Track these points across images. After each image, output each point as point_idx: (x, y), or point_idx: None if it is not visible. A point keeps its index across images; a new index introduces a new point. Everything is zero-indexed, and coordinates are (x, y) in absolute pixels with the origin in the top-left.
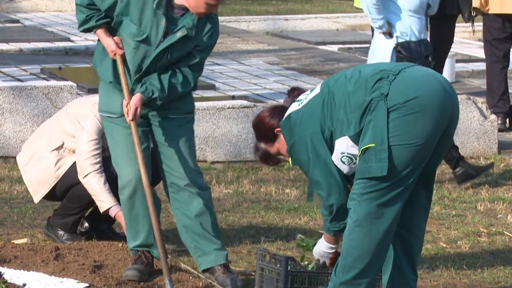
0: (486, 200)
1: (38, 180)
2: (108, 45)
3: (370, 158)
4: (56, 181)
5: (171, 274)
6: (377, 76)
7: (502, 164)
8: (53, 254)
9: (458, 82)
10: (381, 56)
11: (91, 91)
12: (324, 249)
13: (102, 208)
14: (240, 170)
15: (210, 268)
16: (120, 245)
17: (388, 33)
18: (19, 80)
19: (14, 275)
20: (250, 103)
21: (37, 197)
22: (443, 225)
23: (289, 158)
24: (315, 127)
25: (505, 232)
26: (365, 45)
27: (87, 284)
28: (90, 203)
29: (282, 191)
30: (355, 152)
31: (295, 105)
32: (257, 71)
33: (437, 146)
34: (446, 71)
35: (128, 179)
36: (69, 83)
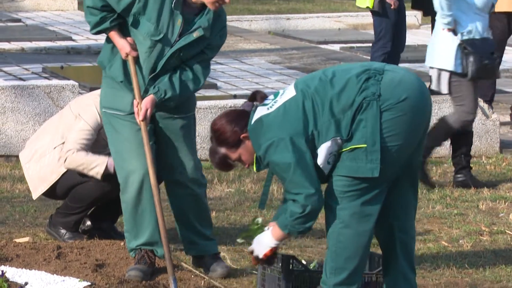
0: (488, 199)
1: (39, 176)
2: (123, 46)
3: (360, 157)
4: (58, 178)
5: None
6: (364, 75)
7: (504, 163)
8: (55, 253)
9: None
10: (444, 52)
11: (93, 90)
12: (267, 242)
13: (99, 172)
14: (241, 169)
15: (199, 256)
16: (122, 244)
17: (453, 30)
18: (21, 79)
19: (16, 274)
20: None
21: (36, 193)
22: (445, 224)
23: (253, 164)
24: (296, 129)
25: (507, 231)
26: (367, 44)
27: (89, 283)
28: (92, 203)
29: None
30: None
31: (263, 109)
32: (259, 70)
33: (419, 143)
34: None
35: (136, 174)
36: (71, 82)
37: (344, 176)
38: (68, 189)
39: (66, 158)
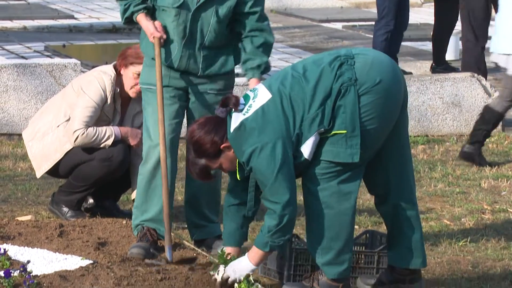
0: (490, 178)
1: (42, 154)
2: (147, 28)
3: (340, 142)
4: (61, 157)
5: (175, 253)
6: (336, 62)
7: (506, 142)
8: (57, 231)
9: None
10: None
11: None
12: (246, 267)
13: (110, 140)
14: None
15: (203, 239)
16: (124, 222)
17: None
18: (23, 57)
19: (18, 252)
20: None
21: (40, 172)
22: (447, 202)
23: (236, 171)
24: (279, 132)
25: (509, 209)
26: (370, 23)
27: (91, 261)
28: (95, 182)
29: None
30: None
31: (239, 115)
32: None
33: (399, 120)
34: (451, 48)
35: (157, 148)
36: (73, 60)
37: (323, 160)
38: (72, 168)
39: (77, 138)
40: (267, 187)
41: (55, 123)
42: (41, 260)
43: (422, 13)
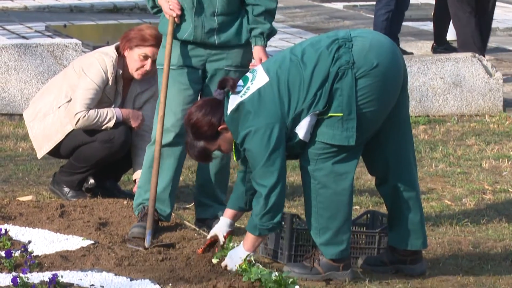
0: (491, 158)
1: (43, 135)
2: (163, 4)
3: (336, 125)
4: (62, 138)
5: (176, 234)
6: (334, 46)
7: (507, 122)
8: (58, 212)
9: None
10: None
11: (96, 48)
12: (240, 254)
13: (111, 122)
14: None
15: (204, 219)
16: (125, 202)
17: None
18: (23, 37)
19: (19, 232)
20: (254, 62)
21: (41, 152)
22: (448, 182)
23: (232, 152)
24: (274, 116)
25: (510, 189)
26: (370, 3)
27: (92, 241)
28: (97, 163)
29: None
30: None
31: (236, 98)
32: None
33: (399, 100)
34: (452, 29)
35: (167, 132)
36: (74, 40)
37: (319, 141)
38: (73, 149)
39: (78, 120)
40: (256, 170)
41: (56, 104)
42: (42, 240)
43: None
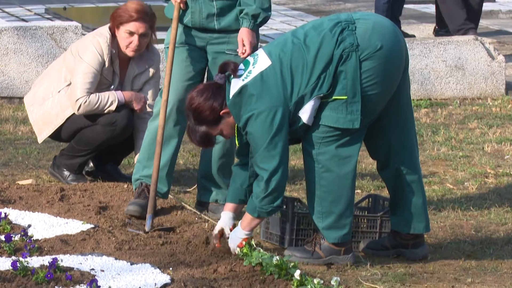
0: (494, 141)
1: (44, 120)
2: None
3: (340, 108)
4: (63, 122)
5: (176, 217)
6: (337, 28)
7: (510, 105)
8: (58, 195)
9: None
10: None
11: None
12: (238, 234)
13: (113, 105)
14: None
15: (206, 202)
16: (125, 186)
17: None
18: (23, 20)
19: (19, 216)
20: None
21: (41, 137)
22: (450, 166)
23: (235, 137)
24: (277, 99)
25: None
26: None
27: (92, 225)
28: (98, 146)
29: None
30: None
31: (238, 81)
32: None
33: (400, 83)
34: None
35: (168, 106)
36: (74, 23)
37: (323, 125)
38: (74, 132)
39: (80, 106)
40: (258, 153)
41: (56, 88)
42: (42, 224)
43: None
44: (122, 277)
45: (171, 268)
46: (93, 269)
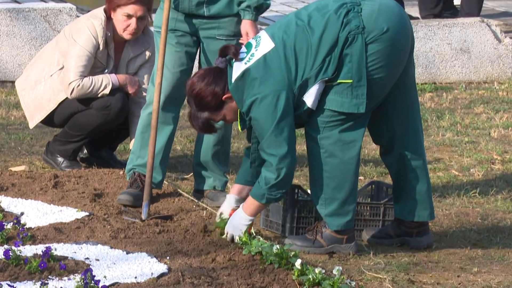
0: (500, 127)
1: (36, 104)
2: None
3: (345, 92)
4: (55, 107)
5: (174, 205)
6: (343, 10)
7: None
8: (52, 182)
9: None
10: None
11: None
12: (242, 221)
13: (107, 89)
14: None
15: (203, 190)
16: (121, 172)
17: None
18: (16, 1)
19: (12, 204)
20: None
21: (33, 122)
22: (455, 152)
23: (238, 122)
24: (281, 83)
25: None
26: None
27: (87, 213)
28: (92, 131)
29: None
30: None
31: (240, 65)
32: None
33: (405, 66)
34: None
35: (162, 92)
36: (68, 5)
37: (327, 109)
38: (68, 117)
39: (73, 90)
40: (265, 139)
41: (48, 72)
42: (35, 212)
43: None
44: (117, 266)
45: (168, 257)
46: (88, 258)
